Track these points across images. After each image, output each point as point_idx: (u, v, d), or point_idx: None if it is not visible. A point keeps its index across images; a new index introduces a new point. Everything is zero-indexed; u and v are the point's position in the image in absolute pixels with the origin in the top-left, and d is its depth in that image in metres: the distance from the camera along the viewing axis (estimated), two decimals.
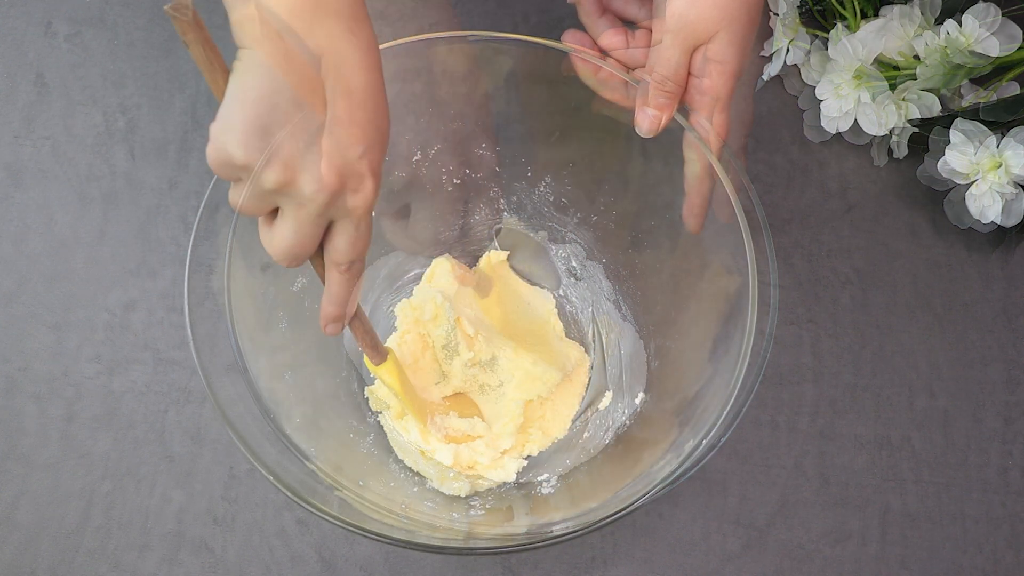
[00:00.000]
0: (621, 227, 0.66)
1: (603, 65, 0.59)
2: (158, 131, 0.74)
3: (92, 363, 0.68)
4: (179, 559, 0.64)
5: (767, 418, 0.67)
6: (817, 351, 0.69)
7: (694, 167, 0.57)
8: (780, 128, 0.74)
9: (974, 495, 0.66)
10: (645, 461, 0.55)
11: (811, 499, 0.65)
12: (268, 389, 0.58)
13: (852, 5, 0.72)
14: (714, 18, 0.56)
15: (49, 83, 0.76)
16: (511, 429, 0.63)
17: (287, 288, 0.63)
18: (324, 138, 0.44)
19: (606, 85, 0.60)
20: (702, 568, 0.64)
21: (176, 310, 0.69)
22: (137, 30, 0.77)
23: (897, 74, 0.71)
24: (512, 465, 0.63)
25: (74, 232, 0.72)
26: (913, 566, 0.64)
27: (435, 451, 0.62)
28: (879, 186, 0.73)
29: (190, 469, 0.66)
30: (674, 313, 0.63)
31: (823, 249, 0.71)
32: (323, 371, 0.66)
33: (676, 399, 0.59)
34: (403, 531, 0.53)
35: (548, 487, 0.62)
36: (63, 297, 0.70)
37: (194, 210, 0.72)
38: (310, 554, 0.64)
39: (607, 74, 0.59)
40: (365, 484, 0.59)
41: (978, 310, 0.70)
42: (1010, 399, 0.68)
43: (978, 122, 0.66)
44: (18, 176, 0.73)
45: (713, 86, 0.57)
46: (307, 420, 0.61)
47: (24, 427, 0.67)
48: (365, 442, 0.64)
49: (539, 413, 0.65)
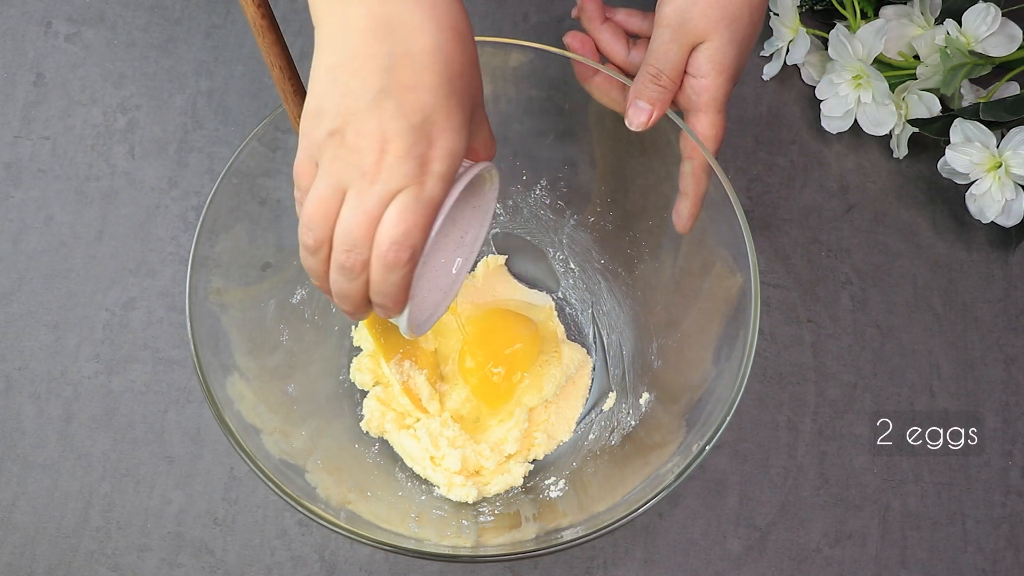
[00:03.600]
0: (620, 228, 0.66)
1: (602, 69, 0.59)
2: (158, 130, 0.74)
3: (91, 362, 0.68)
4: (179, 561, 0.64)
5: (767, 418, 0.67)
6: (817, 351, 0.69)
7: (689, 167, 0.57)
8: (780, 128, 0.74)
9: (974, 495, 0.66)
10: (653, 463, 0.55)
11: (811, 499, 0.65)
12: (270, 404, 0.58)
13: (852, 5, 0.72)
14: (715, 17, 0.56)
15: (49, 82, 0.76)
16: (516, 434, 0.63)
17: (287, 300, 0.63)
18: (380, 102, 0.42)
19: (602, 89, 0.59)
20: (702, 568, 0.64)
21: (176, 309, 0.69)
22: (137, 29, 0.77)
23: (897, 74, 0.71)
24: (518, 469, 0.63)
25: (73, 231, 0.72)
26: (913, 566, 0.64)
27: (443, 456, 0.62)
28: (879, 186, 0.73)
29: (190, 470, 0.66)
30: (676, 313, 0.63)
31: (823, 249, 0.71)
32: (325, 381, 0.66)
33: (682, 400, 0.59)
34: (412, 540, 0.53)
35: (556, 490, 0.62)
36: (62, 296, 0.70)
37: (194, 209, 0.72)
38: (311, 556, 0.64)
39: (605, 78, 0.59)
40: (373, 495, 0.59)
41: (978, 310, 0.70)
42: (1010, 399, 0.68)
43: (978, 122, 0.66)
44: (17, 175, 0.73)
45: (711, 86, 0.57)
46: (312, 432, 0.61)
47: (22, 427, 0.67)
48: (370, 452, 0.64)
49: (543, 417, 0.65)
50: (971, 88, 0.71)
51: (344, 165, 0.43)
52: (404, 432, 0.64)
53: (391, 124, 0.42)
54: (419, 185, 0.43)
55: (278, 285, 0.62)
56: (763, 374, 0.68)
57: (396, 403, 0.64)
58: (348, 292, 0.46)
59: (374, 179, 0.42)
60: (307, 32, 0.76)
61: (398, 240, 0.43)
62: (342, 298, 0.47)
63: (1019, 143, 0.64)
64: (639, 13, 0.63)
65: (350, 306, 0.47)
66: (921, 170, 0.73)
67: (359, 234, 0.43)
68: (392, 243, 0.43)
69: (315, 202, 0.44)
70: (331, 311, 0.66)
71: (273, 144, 0.58)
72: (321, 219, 0.44)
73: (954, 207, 0.72)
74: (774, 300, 0.70)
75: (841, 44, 0.69)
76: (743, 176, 0.73)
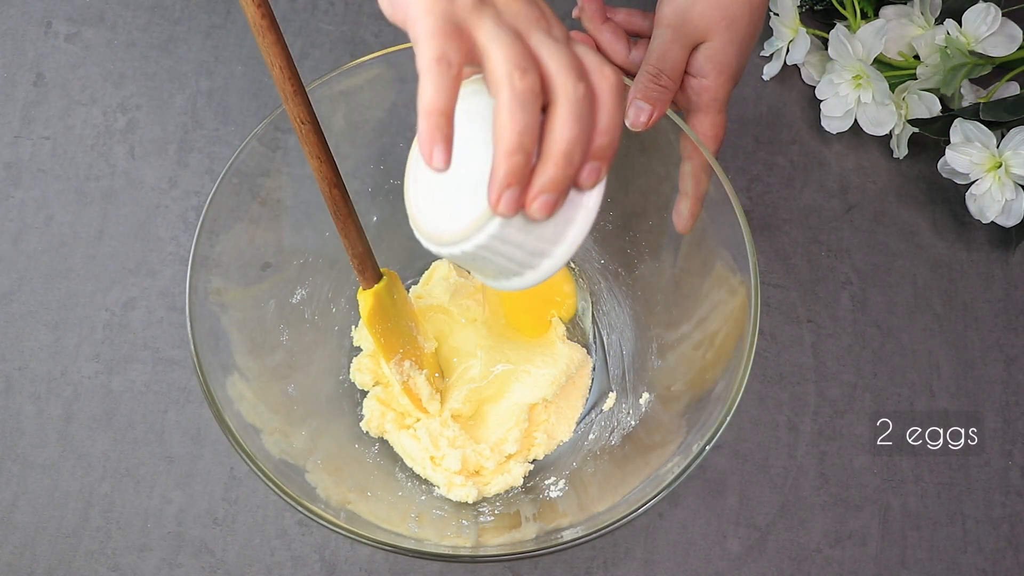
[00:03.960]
0: (620, 228, 0.66)
1: None
2: (158, 130, 0.74)
3: (91, 362, 0.68)
4: (179, 561, 0.64)
5: (767, 418, 0.67)
6: (817, 351, 0.69)
7: (689, 167, 0.57)
8: (780, 128, 0.74)
9: (974, 495, 0.66)
10: (653, 463, 0.55)
11: (811, 499, 0.65)
12: (270, 404, 0.58)
13: (852, 5, 0.72)
14: (715, 17, 0.56)
15: (49, 82, 0.76)
16: (516, 434, 0.63)
17: (287, 300, 0.63)
18: None
19: None
20: (702, 568, 0.64)
21: (176, 309, 0.69)
22: (137, 29, 0.77)
23: (897, 74, 0.71)
24: (518, 469, 0.63)
25: (73, 231, 0.72)
26: (913, 566, 0.64)
27: (443, 456, 0.62)
28: (879, 186, 0.73)
29: (190, 470, 0.66)
30: (676, 313, 0.63)
31: (823, 249, 0.71)
32: (325, 381, 0.65)
33: (682, 400, 0.59)
34: (412, 540, 0.53)
35: (556, 490, 0.62)
36: (62, 296, 0.70)
37: (194, 209, 0.72)
38: (311, 556, 0.64)
39: None
40: (373, 495, 0.59)
41: (978, 310, 0.70)
42: (1010, 399, 0.68)
43: (978, 122, 0.66)
44: (17, 175, 0.73)
45: (711, 87, 0.57)
46: (312, 432, 0.61)
47: (22, 427, 0.67)
48: (370, 452, 0.64)
49: (543, 417, 0.65)
50: (971, 88, 0.71)
51: (514, 18, 0.40)
52: (404, 432, 0.64)
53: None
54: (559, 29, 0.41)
55: (278, 285, 0.62)
56: (763, 374, 0.68)
57: (396, 403, 0.65)
58: (572, 136, 0.39)
59: (548, 28, 0.40)
60: (307, 32, 0.77)
61: (614, 70, 0.40)
62: (564, 151, 0.39)
63: (1019, 143, 0.64)
64: (640, 13, 0.63)
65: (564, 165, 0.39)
66: (921, 170, 0.73)
67: (576, 63, 0.39)
68: (613, 70, 0.40)
69: (507, 45, 0.38)
70: (331, 311, 0.66)
71: (273, 144, 0.58)
72: (526, 56, 0.39)
73: (954, 207, 0.72)
74: (774, 300, 0.70)
75: (841, 44, 0.69)
76: (743, 176, 0.73)
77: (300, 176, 0.60)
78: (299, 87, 0.50)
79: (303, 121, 0.51)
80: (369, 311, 0.59)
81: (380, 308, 0.59)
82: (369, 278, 0.58)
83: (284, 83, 0.50)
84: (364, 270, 0.57)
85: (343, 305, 0.66)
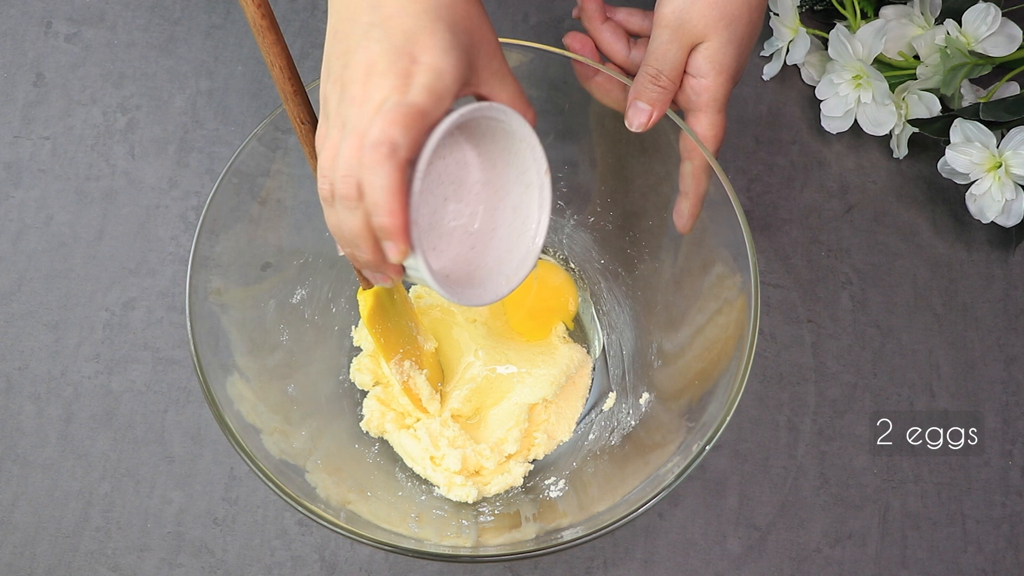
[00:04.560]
0: (620, 228, 0.66)
1: (602, 69, 0.59)
2: (158, 130, 0.74)
3: (91, 362, 0.68)
4: (179, 561, 0.64)
5: (767, 418, 0.67)
6: (817, 351, 0.69)
7: (689, 167, 0.57)
8: (780, 128, 0.74)
9: (974, 495, 0.66)
10: (653, 463, 0.55)
11: (811, 499, 0.65)
12: (270, 404, 0.58)
13: (852, 5, 0.72)
14: (714, 17, 0.56)
15: (49, 82, 0.76)
16: (516, 434, 0.63)
17: (287, 300, 0.63)
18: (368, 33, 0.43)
19: (603, 89, 0.59)
20: (702, 568, 0.64)
21: (176, 309, 0.69)
22: (137, 29, 0.77)
23: (897, 74, 0.71)
24: (518, 469, 0.63)
25: (73, 231, 0.72)
26: (913, 566, 0.64)
27: (443, 456, 0.62)
28: (879, 186, 0.73)
29: (190, 470, 0.66)
30: (676, 313, 0.63)
31: (823, 249, 0.71)
32: (325, 381, 0.65)
33: (682, 400, 0.59)
34: (412, 540, 0.53)
35: (556, 490, 0.62)
36: (62, 296, 0.70)
37: (194, 209, 0.72)
38: (311, 556, 0.64)
39: (606, 78, 0.59)
40: (373, 495, 0.59)
41: (978, 310, 0.70)
42: (1010, 399, 0.68)
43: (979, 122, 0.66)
44: (17, 175, 0.73)
45: (711, 86, 0.57)
46: (312, 432, 0.61)
47: (22, 427, 0.67)
48: (370, 452, 0.64)
49: (543, 417, 0.65)
50: (971, 88, 0.71)
51: (343, 104, 0.43)
52: (404, 432, 0.64)
53: (375, 48, 0.42)
54: (400, 92, 0.42)
55: (278, 285, 0.62)
56: (763, 374, 0.68)
57: (396, 403, 0.65)
58: (354, 229, 0.43)
59: (362, 102, 0.42)
60: (307, 32, 0.77)
61: (377, 137, 0.41)
62: (354, 243, 0.43)
63: (1019, 143, 0.64)
64: (639, 12, 0.63)
65: (366, 251, 0.44)
66: (921, 170, 0.73)
67: (349, 155, 0.42)
68: (372, 142, 0.41)
69: (324, 149, 0.43)
70: (331, 311, 0.66)
71: (273, 144, 0.58)
72: (330, 162, 0.43)
73: (954, 207, 0.72)
74: (774, 300, 0.70)
75: (841, 44, 0.69)
76: (743, 176, 0.73)
77: (300, 176, 0.60)
78: (299, 87, 0.50)
79: (303, 121, 0.51)
80: (369, 311, 0.59)
81: (380, 308, 0.59)
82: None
83: (284, 83, 0.50)
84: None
85: (343, 305, 0.66)
